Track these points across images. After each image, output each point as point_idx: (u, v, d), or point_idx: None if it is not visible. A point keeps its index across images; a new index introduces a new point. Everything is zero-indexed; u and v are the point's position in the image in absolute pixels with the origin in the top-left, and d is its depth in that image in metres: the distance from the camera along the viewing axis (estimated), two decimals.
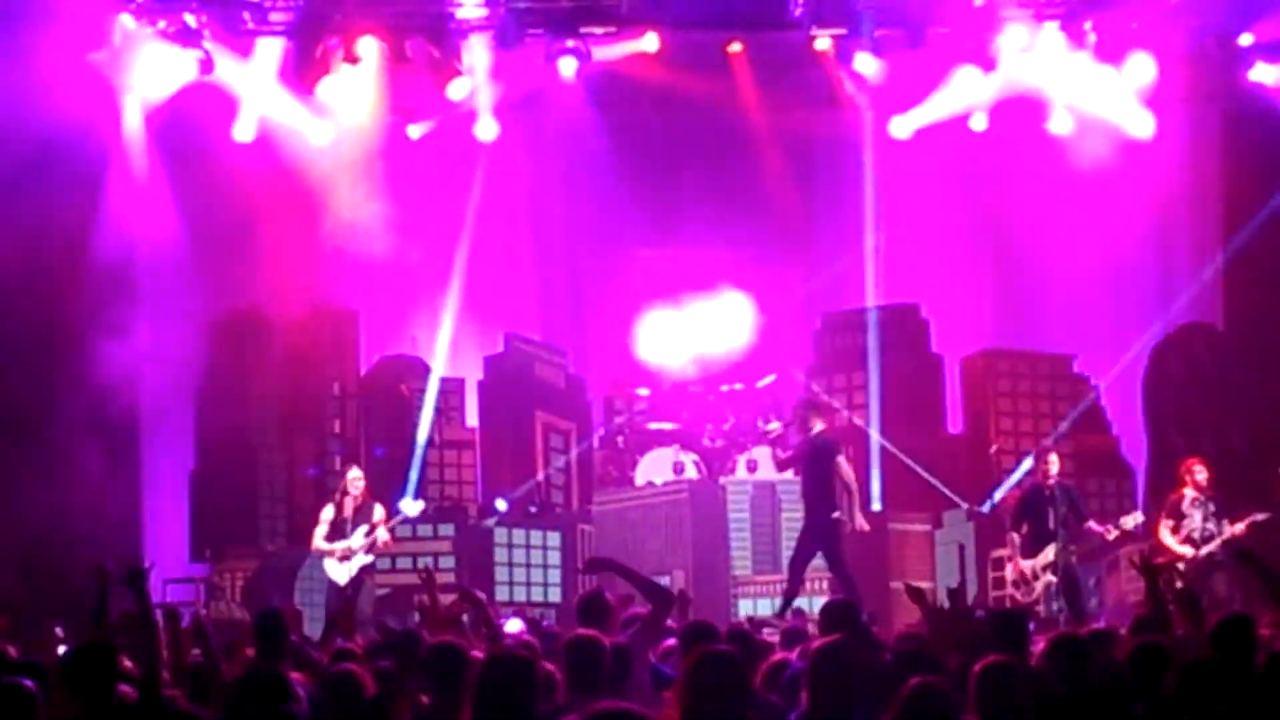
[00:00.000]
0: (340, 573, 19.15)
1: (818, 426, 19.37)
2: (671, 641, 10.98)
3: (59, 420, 21.36)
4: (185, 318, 23.19)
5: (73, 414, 21.50)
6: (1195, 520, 18.74)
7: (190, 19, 21.24)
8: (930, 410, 24.49)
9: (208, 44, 21.47)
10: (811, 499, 19.13)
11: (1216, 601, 17.17)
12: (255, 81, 22.26)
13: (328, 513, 19.41)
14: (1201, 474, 18.94)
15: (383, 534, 19.15)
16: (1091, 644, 10.01)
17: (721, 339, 24.10)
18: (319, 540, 19.31)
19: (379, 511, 19.31)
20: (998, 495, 23.04)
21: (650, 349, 24.29)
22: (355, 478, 19.45)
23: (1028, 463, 22.56)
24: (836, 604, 11.34)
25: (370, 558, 19.27)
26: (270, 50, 22.05)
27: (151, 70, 21.77)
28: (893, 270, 24.39)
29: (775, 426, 20.51)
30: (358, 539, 19.02)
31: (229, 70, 22.06)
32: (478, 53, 22.11)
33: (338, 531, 19.17)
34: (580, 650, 9.56)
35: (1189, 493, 18.88)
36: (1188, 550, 18.53)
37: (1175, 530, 18.79)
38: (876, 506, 23.15)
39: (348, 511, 19.16)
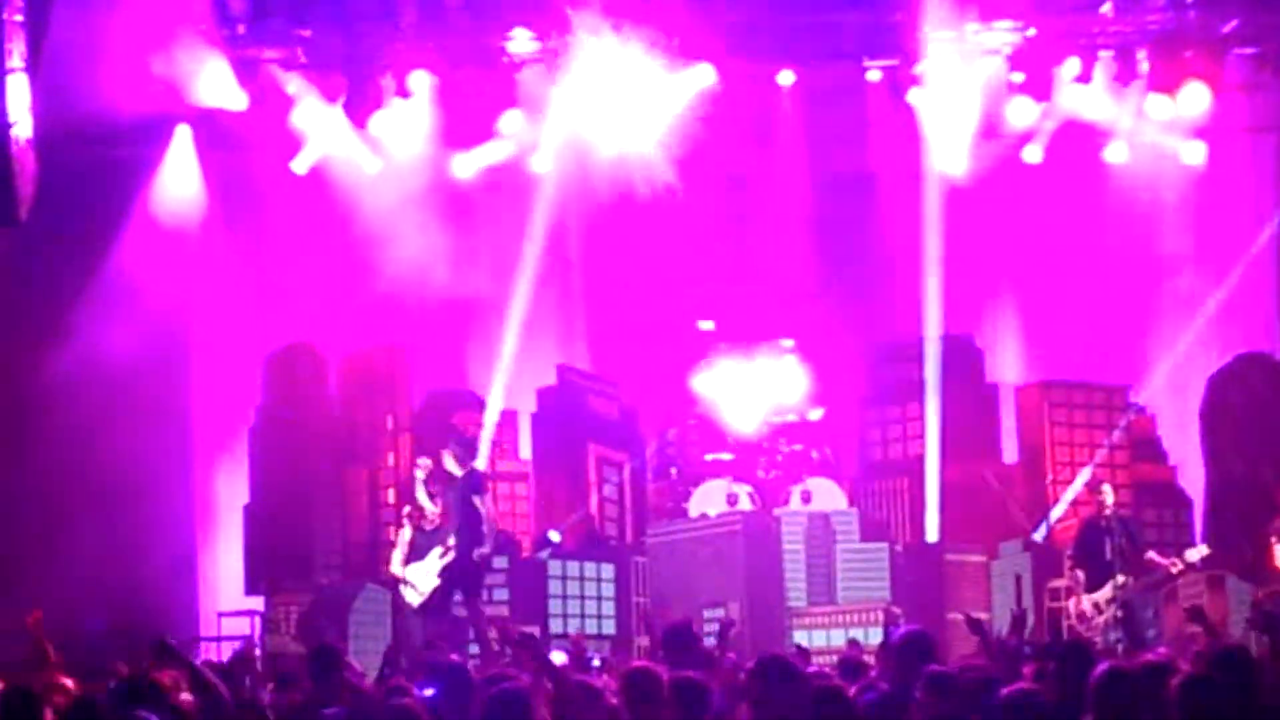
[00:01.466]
0: (414, 596, 19.34)
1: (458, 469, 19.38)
2: None
3: (109, 453, 21.46)
4: (239, 352, 23.29)
5: (125, 448, 21.59)
6: None
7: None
8: (986, 441, 24.36)
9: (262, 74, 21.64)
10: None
11: None
12: (310, 115, 22.35)
13: (405, 535, 19.64)
14: None
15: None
16: (1145, 676, 9.94)
17: (782, 397, 24.18)
18: (396, 564, 19.55)
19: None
20: (1050, 522, 22.91)
21: (716, 405, 24.40)
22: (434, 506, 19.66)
23: (1075, 487, 22.44)
24: (916, 635, 11.20)
25: (439, 580, 19.43)
26: (325, 84, 22.12)
27: (207, 102, 21.89)
28: (946, 301, 24.31)
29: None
30: (433, 560, 19.18)
31: (286, 103, 22.18)
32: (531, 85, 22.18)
33: (416, 551, 19.36)
34: (636, 684, 9.55)
35: None
36: None
37: None
38: (933, 537, 23.07)
39: (426, 526, 19.45)
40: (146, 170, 22.37)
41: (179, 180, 22.51)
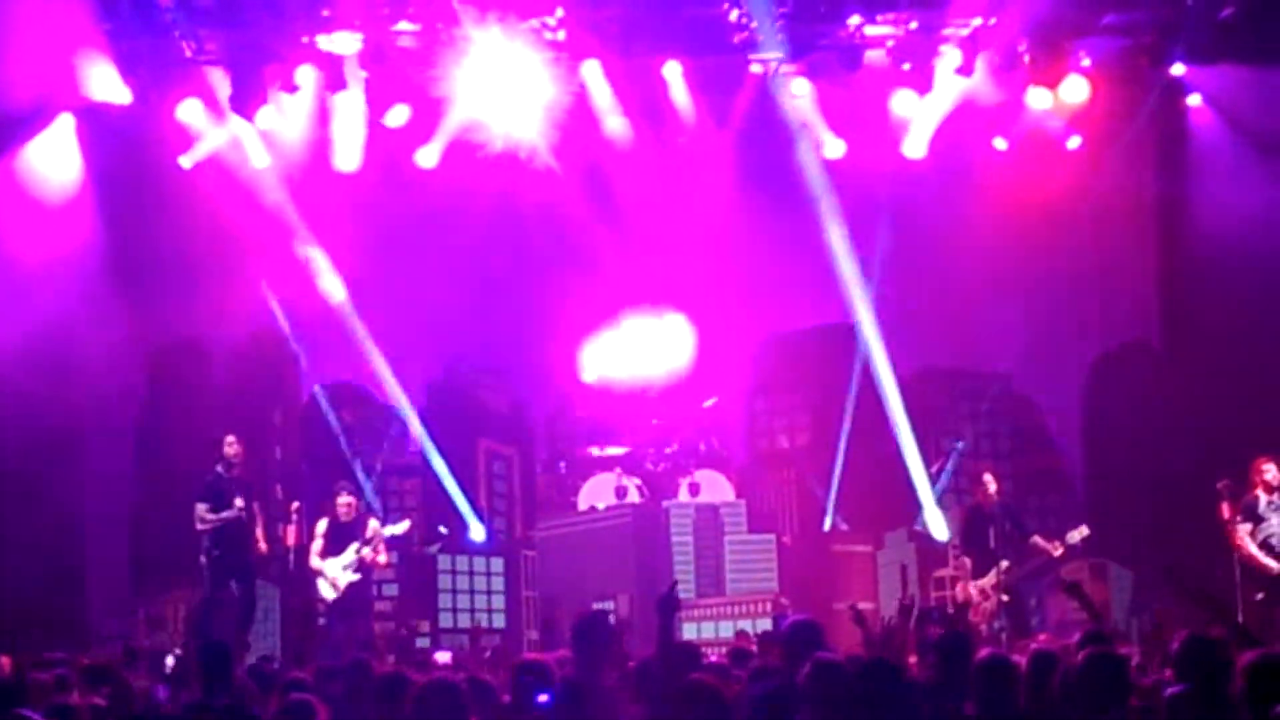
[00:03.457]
0: (329, 590, 19.33)
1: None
2: None
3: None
4: (124, 347, 23.10)
5: (9, 446, 21.40)
6: (1274, 524, 18.15)
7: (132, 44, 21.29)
8: (873, 429, 24.52)
9: (146, 68, 21.50)
10: None
11: None
12: (196, 110, 22.23)
13: (321, 526, 19.65)
14: (1272, 473, 18.21)
15: (367, 552, 19.40)
16: (1034, 664, 10.11)
17: (662, 358, 24.20)
18: (314, 556, 19.54)
19: (373, 525, 19.53)
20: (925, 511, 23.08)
21: (592, 369, 24.40)
22: (350, 501, 19.65)
23: (930, 472, 22.61)
24: (802, 624, 11.31)
25: (357, 576, 19.45)
26: (210, 79, 22.00)
27: (91, 96, 21.73)
28: (831, 291, 24.45)
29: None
30: (348, 555, 19.21)
31: (169, 97, 22.06)
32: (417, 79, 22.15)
33: (332, 544, 19.33)
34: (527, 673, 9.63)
35: (1262, 495, 18.22)
36: (1273, 564, 17.94)
37: (1254, 534, 18.17)
38: (827, 526, 23.26)
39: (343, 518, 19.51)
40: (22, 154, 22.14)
41: (59, 170, 22.28)
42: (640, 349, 24.38)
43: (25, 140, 21.87)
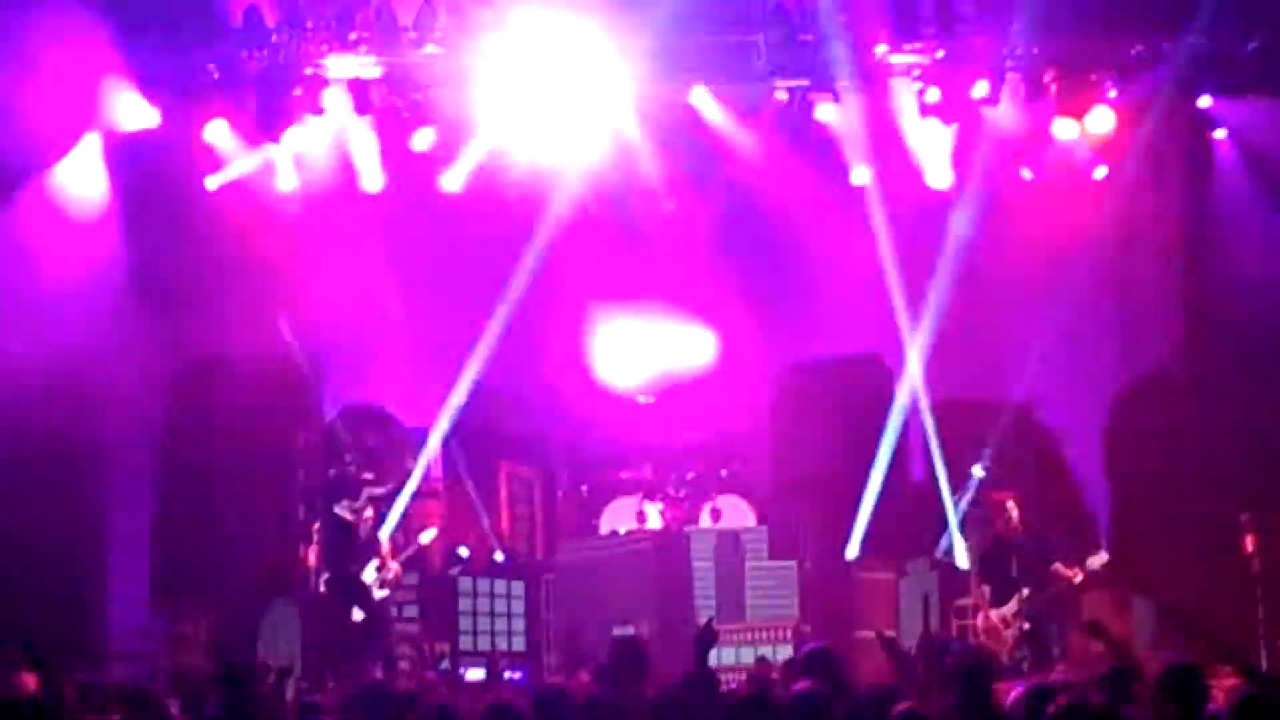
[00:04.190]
0: (356, 610, 19.32)
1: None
2: None
3: (17, 469, 21.32)
4: (149, 367, 23.15)
5: (33, 465, 21.46)
6: None
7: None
8: (895, 459, 24.49)
9: (173, 90, 21.58)
10: None
11: None
12: (223, 131, 22.30)
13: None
14: None
15: (394, 566, 19.43)
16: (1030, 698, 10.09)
17: (680, 358, 24.21)
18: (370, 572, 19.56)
19: (385, 543, 19.56)
20: (946, 541, 23.05)
21: (607, 364, 24.38)
22: (369, 515, 19.65)
23: (962, 505, 22.58)
24: (816, 651, 11.32)
25: (385, 592, 19.47)
26: (236, 101, 22.06)
27: (118, 118, 21.81)
28: (855, 320, 24.46)
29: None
30: (369, 574, 19.21)
31: (195, 119, 22.12)
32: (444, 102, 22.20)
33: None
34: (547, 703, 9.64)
35: None
36: None
37: None
38: (853, 554, 23.20)
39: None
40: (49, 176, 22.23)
41: (85, 191, 22.35)
42: (658, 349, 24.37)
43: (53, 162, 21.95)
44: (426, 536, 20.06)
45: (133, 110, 21.74)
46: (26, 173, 21.51)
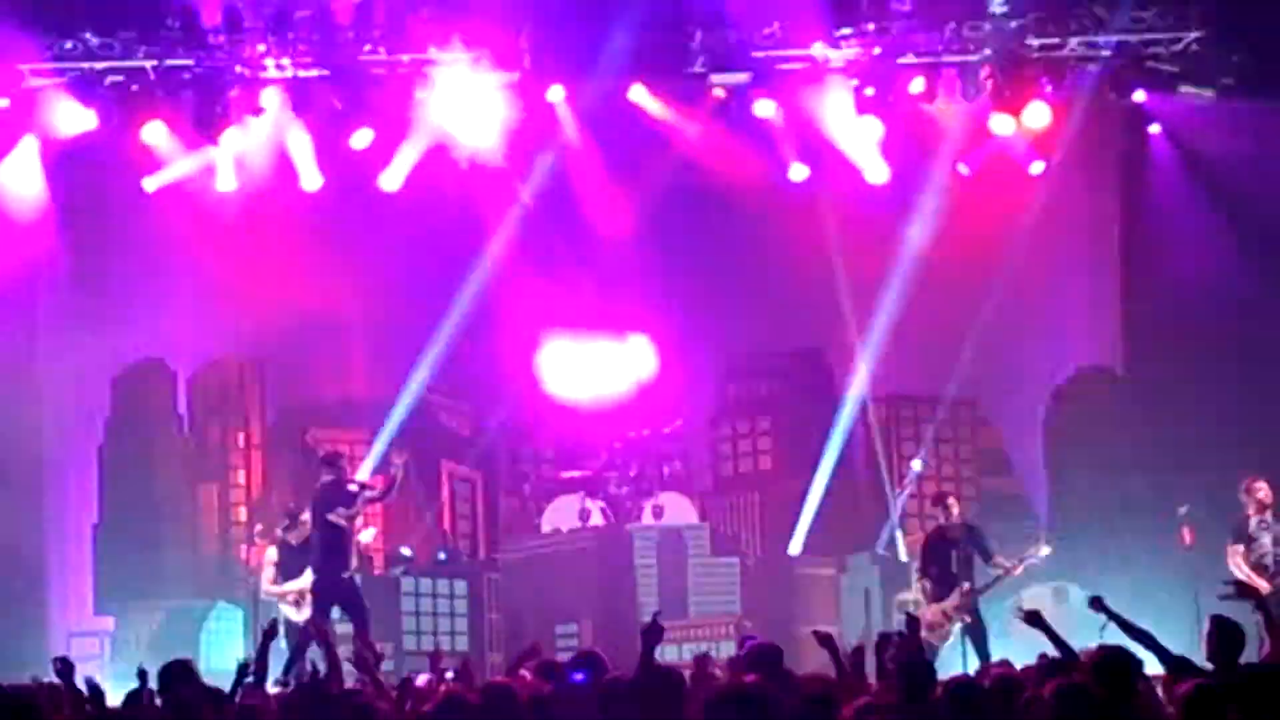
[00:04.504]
0: (297, 613, 19.05)
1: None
2: None
3: None
4: (88, 369, 23.10)
5: None
6: (1265, 543, 17.86)
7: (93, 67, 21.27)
8: (838, 455, 24.58)
9: (110, 92, 21.49)
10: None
11: None
12: (161, 133, 22.21)
13: (271, 554, 19.27)
14: (1263, 492, 17.93)
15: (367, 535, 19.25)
16: (995, 690, 10.16)
17: (624, 374, 24.24)
18: (267, 584, 19.17)
19: None
20: (886, 535, 23.15)
21: (553, 380, 24.40)
22: (305, 519, 19.40)
23: (902, 498, 22.72)
24: (763, 647, 11.34)
25: None
26: (176, 102, 21.98)
27: (55, 121, 21.72)
28: (795, 316, 24.54)
29: None
30: (308, 576, 18.98)
31: (133, 121, 22.03)
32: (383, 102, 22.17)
33: (284, 572, 19.08)
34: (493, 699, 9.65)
35: (1254, 515, 17.93)
36: (1264, 584, 17.11)
37: (1246, 556, 17.87)
38: (796, 550, 23.27)
39: (293, 541, 19.16)
40: None
41: (23, 192, 22.27)
42: (602, 365, 24.38)
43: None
44: (367, 535, 19.93)
45: (70, 115, 21.66)
46: None
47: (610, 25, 21.52)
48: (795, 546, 23.31)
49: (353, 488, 18.88)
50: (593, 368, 24.53)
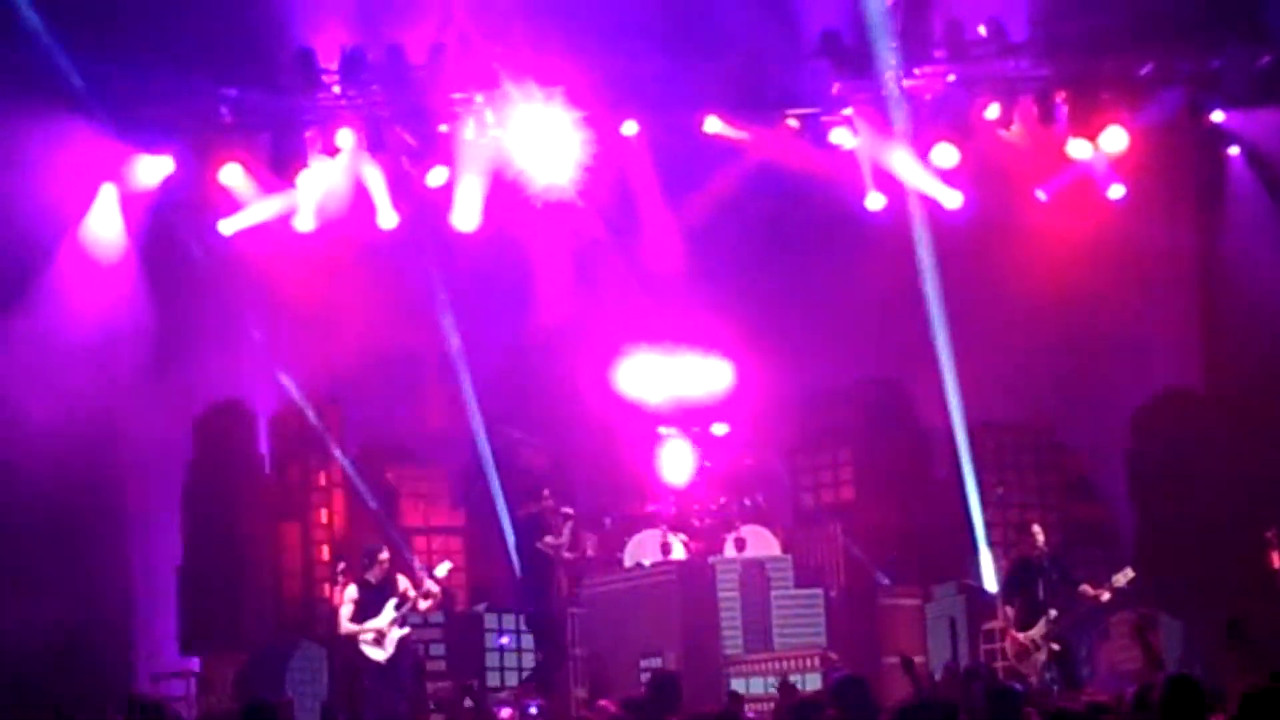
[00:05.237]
0: (378, 652, 19.16)
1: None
2: None
3: (41, 519, 21.40)
4: (168, 412, 23.22)
5: (57, 513, 21.53)
6: None
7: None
8: (919, 484, 24.47)
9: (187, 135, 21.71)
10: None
11: None
12: (237, 174, 22.35)
13: (352, 592, 19.43)
14: None
15: (432, 585, 19.35)
16: (1087, 716, 10.07)
17: (700, 383, 24.22)
18: (346, 621, 19.31)
19: (404, 581, 19.45)
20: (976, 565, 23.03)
21: (630, 384, 24.39)
22: (385, 557, 19.54)
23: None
24: (848, 679, 11.29)
25: (407, 629, 19.38)
26: (252, 144, 22.12)
27: (132, 164, 21.94)
28: (873, 345, 24.48)
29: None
30: (388, 614, 19.08)
31: (209, 164, 22.19)
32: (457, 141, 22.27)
33: (364, 611, 19.20)
34: None
35: None
36: None
37: None
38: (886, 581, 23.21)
39: (372, 580, 19.32)
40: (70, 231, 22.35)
41: (105, 239, 22.46)
42: (679, 376, 24.38)
43: (79, 217, 22.12)
44: (442, 570, 19.99)
45: (147, 166, 21.92)
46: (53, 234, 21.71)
47: (684, 59, 21.56)
48: (883, 577, 23.21)
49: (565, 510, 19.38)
50: (670, 383, 24.51)
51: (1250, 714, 8.63)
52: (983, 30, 21.70)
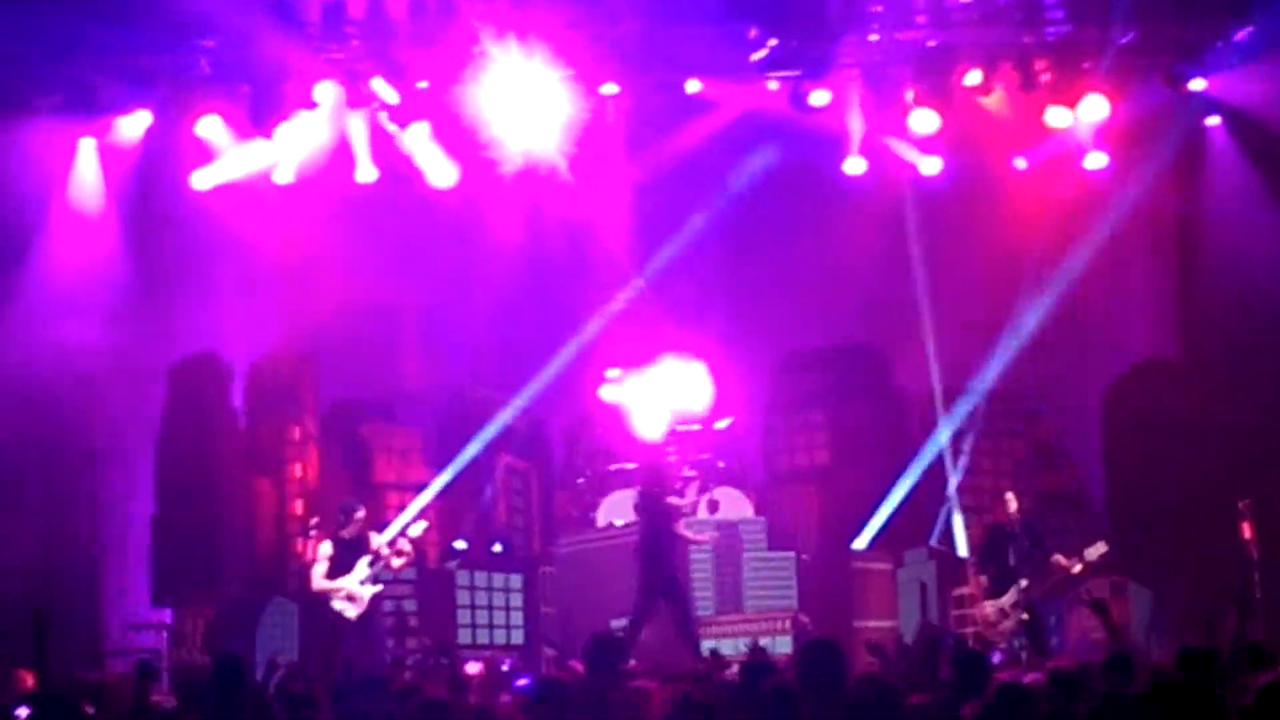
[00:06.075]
0: (350, 608, 19.09)
1: None
2: None
3: (15, 466, 21.39)
4: (143, 363, 23.17)
5: (31, 461, 21.51)
6: None
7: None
8: (892, 448, 24.49)
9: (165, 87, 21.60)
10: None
11: None
12: (214, 126, 22.25)
13: (326, 548, 19.32)
14: None
15: (405, 543, 19.32)
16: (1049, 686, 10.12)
17: (686, 402, 24.24)
18: (319, 578, 19.21)
19: (375, 539, 19.37)
20: (940, 529, 23.08)
21: (623, 412, 24.49)
22: (361, 515, 19.47)
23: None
24: (821, 641, 11.29)
25: (379, 586, 19.33)
26: (229, 96, 22.02)
27: (110, 116, 21.85)
28: (849, 310, 24.50)
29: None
30: (360, 571, 19.00)
31: (188, 116, 22.10)
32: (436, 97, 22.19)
33: (337, 568, 19.13)
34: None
35: None
36: None
37: None
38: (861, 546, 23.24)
39: (345, 536, 19.23)
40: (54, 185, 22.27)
41: (83, 193, 22.39)
42: (661, 392, 24.38)
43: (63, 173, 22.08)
44: (416, 529, 19.91)
45: (126, 120, 21.85)
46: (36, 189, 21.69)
47: (666, 21, 21.48)
48: (862, 542, 23.24)
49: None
50: (652, 393, 24.53)
51: (1268, 704, 8.62)
52: None
